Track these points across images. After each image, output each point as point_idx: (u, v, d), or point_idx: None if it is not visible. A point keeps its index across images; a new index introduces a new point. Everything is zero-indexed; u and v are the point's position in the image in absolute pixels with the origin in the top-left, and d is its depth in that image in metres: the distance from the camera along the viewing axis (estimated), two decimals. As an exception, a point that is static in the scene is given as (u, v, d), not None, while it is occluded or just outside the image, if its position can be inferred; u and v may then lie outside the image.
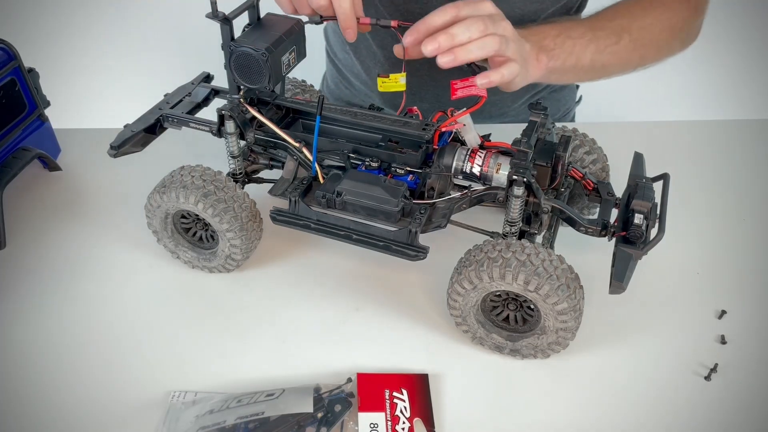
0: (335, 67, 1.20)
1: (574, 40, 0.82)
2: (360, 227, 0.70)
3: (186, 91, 0.85)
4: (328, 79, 1.24)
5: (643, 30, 0.87)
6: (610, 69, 0.88)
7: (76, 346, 0.71)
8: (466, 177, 0.71)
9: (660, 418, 0.64)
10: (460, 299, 0.67)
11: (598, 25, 0.86)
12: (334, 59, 1.19)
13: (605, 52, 0.85)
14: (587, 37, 0.83)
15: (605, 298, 0.66)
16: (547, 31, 0.82)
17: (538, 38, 0.80)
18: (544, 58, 0.79)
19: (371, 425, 0.62)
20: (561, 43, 0.81)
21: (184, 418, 0.63)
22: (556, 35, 0.82)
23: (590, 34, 0.84)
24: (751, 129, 1.05)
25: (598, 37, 0.84)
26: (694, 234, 0.84)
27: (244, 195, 0.74)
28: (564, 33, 0.82)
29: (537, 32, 0.81)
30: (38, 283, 0.78)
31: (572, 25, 0.84)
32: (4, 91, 0.86)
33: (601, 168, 0.78)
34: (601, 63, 0.85)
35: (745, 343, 0.71)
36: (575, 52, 0.82)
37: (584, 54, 0.83)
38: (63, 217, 0.87)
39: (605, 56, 0.85)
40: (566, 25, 0.84)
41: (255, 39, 0.68)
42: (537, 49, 0.79)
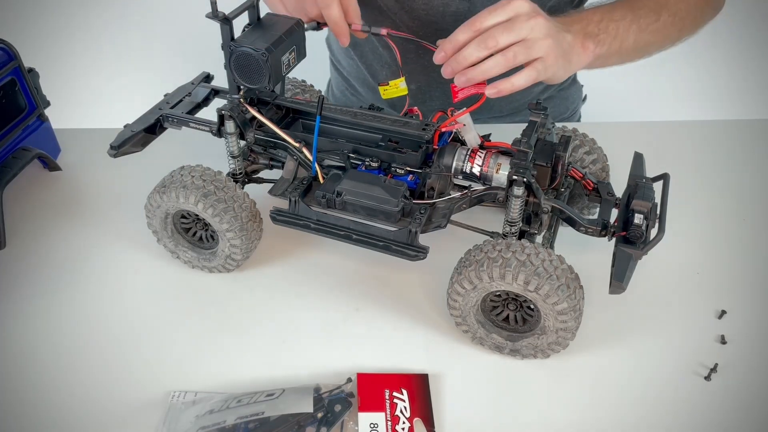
0: (340, 75, 1.20)
1: (617, 23, 0.81)
2: (360, 227, 0.70)
3: (186, 91, 0.85)
4: (333, 87, 1.24)
5: (680, 2, 0.86)
6: (652, 47, 0.87)
7: (76, 346, 0.71)
8: (466, 177, 0.71)
9: (660, 418, 0.64)
10: (460, 299, 0.67)
11: (637, 4, 0.84)
12: (338, 67, 1.19)
13: (647, 31, 0.84)
14: (628, 18, 0.82)
15: (605, 298, 0.66)
16: (589, 16, 0.80)
17: (582, 25, 0.78)
18: (590, 44, 0.78)
19: (371, 425, 0.62)
20: (605, 27, 0.80)
21: (184, 418, 0.63)
22: (599, 20, 0.80)
23: (631, 15, 0.82)
24: (751, 129, 1.05)
25: (639, 17, 0.83)
26: (694, 234, 0.84)
27: (244, 195, 0.74)
28: (606, 17, 0.81)
29: (580, 19, 0.79)
30: (38, 283, 0.78)
31: (612, 8, 0.83)
32: (4, 91, 0.86)
33: (601, 168, 0.78)
34: (644, 42, 0.84)
35: (745, 343, 0.71)
36: (619, 35, 0.81)
37: (628, 36, 0.82)
38: (63, 217, 0.87)
39: (647, 35, 0.84)
40: (606, 8, 0.83)
41: (255, 39, 0.68)
42: (582, 37, 0.77)
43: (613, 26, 0.81)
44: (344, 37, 0.76)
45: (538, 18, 0.70)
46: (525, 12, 0.70)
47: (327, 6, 0.74)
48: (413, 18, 0.97)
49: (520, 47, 0.69)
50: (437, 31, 0.98)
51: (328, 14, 0.74)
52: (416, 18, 0.97)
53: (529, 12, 0.70)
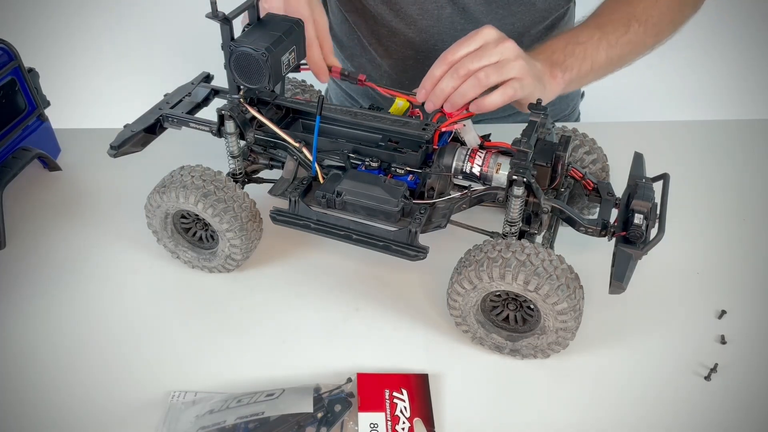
0: (337, 84, 1.20)
1: (584, 45, 0.82)
2: (360, 227, 0.70)
3: (186, 91, 0.85)
4: (331, 97, 1.24)
5: (649, 9, 0.86)
6: (627, 58, 0.87)
7: (76, 346, 0.71)
8: (466, 177, 0.71)
9: (660, 418, 0.64)
10: (460, 299, 0.67)
11: (603, 20, 0.85)
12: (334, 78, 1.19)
13: (618, 45, 0.84)
14: (596, 36, 0.83)
15: (605, 298, 0.66)
16: (554, 45, 0.82)
17: (546, 55, 0.81)
18: (558, 72, 0.80)
19: (371, 425, 0.62)
20: (571, 51, 0.81)
21: (184, 418, 0.63)
22: (564, 46, 0.82)
23: (598, 33, 0.83)
24: (751, 129, 1.05)
25: (607, 33, 0.84)
26: (694, 234, 0.84)
27: (244, 195, 0.74)
28: (572, 41, 0.82)
29: (544, 50, 0.82)
30: (38, 283, 0.78)
31: (578, 31, 0.84)
32: (4, 91, 0.86)
33: (601, 168, 0.78)
34: (617, 56, 0.85)
35: (745, 343, 0.71)
36: (588, 55, 0.82)
37: (597, 54, 0.83)
38: (63, 217, 0.87)
39: (619, 49, 0.84)
40: (572, 32, 0.84)
41: (255, 39, 0.68)
42: (549, 66, 0.79)
43: (580, 49, 0.82)
44: (324, 76, 0.80)
45: (506, 42, 0.73)
46: (493, 39, 0.73)
47: (308, 47, 0.76)
48: (408, 24, 0.97)
49: (492, 68, 0.72)
50: (434, 35, 0.98)
51: (309, 55, 0.77)
52: (411, 24, 0.97)
53: (497, 38, 0.73)
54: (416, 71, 1.03)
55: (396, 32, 0.99)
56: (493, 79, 0.71)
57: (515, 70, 0.72)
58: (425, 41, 0.99)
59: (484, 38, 0.73)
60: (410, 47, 1.00)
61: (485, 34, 0.73)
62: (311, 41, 0.77)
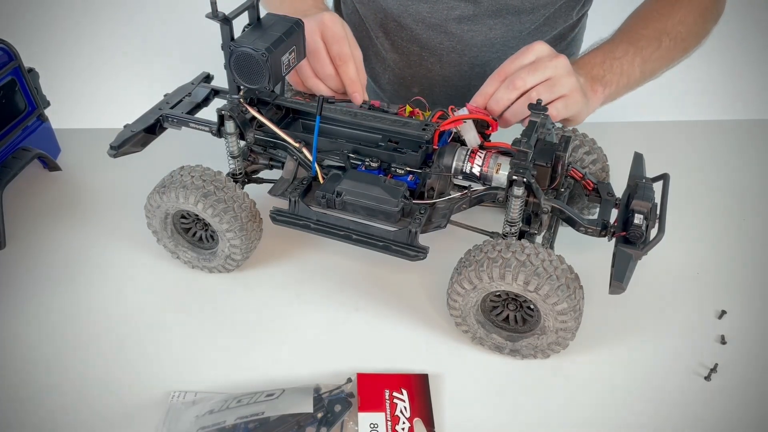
0: None
1: (621, 60, 0.84)
2: (360, 227, 0.70)
3: (186, 91, 0.85)
4: None
5: (679, 25, 0.88)
6: (657, 72, 0.89)
7: (76, 346, 0.71)
8: (466, 177, 0.71)
9: (660, 418, 0.64)
10: (460, 299, 0.67)
11: (635, 36, 0.87)
12: None
13: (651, 60, 0.86)
14: (631, 52, 0.85)
15: (605, 298, 0.66)
16: (592, 60, 0.83)
17: (587, 70, 0.82)
18: (599, 87, 0.81)
19: (371, 425, 0.62)
20: (609, 67, 0.83)
21: (184, 418, 0.63)
22: (602, 62, 0.83)
23: (633, 49, 0.85)
24: (751, 129, 1.05)
25: (641, 48, 0.85)
26: (694, 234, 0.84)
27: (243, 195, 0.74)
28: (609, 57, 0.84)
29: (583, 64, 0.83)
30: (38, 283, 0.78)
31: (613, 46, 0.86)
32: (4, 91, 0.86)
33: (601, 168, 0.78)
34: (649, 70, 0.87)
35: (745, 343, 0.71)
36: (624, 71, 0.84)
37: (633, 70, 0.84)
38: (63, 217, 0.87)
39: (652, 64, 0.86)
40: (607, 47, 0.85)
41: (255, 39, 0.68)
42: (590, 81, 0.81)
43: (617, 64, 0.83)
44: (359, 94, 0.80)
45: (560, 58, 0.74)
46: (546, 54, 0.75)
47: (344, 63, 0.78)
48: (417, 21, 0.98)
49: (544, 87, 0.73)
50: (441, 34, 0.98)
51: (344, 72, 0.78)
52: (420, 21, 0.97)
53: (551, 54, 0.75)
54: (419, 67, 1.03)
55: (404, 27, 0.99)
56: (545, 98, 0.73)
57: (566, 87, 0.74)
58: (431, 38, 0.99)
59: (537, 53, 0.74)
60: (416, 43, 1.00)
61: (538, 49, 0.75)
62: (347, 58, 0.78)
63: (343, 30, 0.79)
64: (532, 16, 0.96)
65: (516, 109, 0.74)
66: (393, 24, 1.00)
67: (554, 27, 1.00)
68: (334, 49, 0.78)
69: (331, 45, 0.79)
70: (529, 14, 0.95)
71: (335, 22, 0.79)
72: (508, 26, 0.96)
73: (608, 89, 0.82)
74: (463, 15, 0.95)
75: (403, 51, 1.03)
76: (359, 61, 0.81)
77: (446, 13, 0.95)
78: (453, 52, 0.99)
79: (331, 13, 0.82)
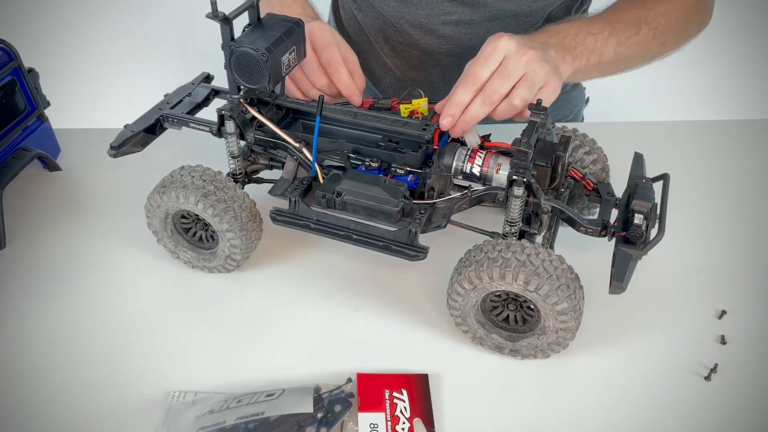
0: None
1: (595, 36, 0.82)
2: (360, 227, 0.70)
3: (186, 91, 0.85)
4: None
5: (660, 17, 0.87)
6: (632, 61, 0.87)
7: (76, 346, 0.71)
8: (466, 177, 0.71)
9: (660, 418, 0.64)
10: (460, 299, 0.67)
11: (615, 17, 0.85)
12: None
13: (626, 45, 0.84)
14: (607, 31, 0.83)
15: (605, 298, 0.66)
16: (566, 29, 0.81)
17: (559, 39, 0.80)
18: (569, 57, 0.79)
19: (371, 425, 0.62)
20: (582, 40, 0.81)
21: (184, 418, 0.63)
22: (576, 33, 0.81)
23: (609, 28, 0.83)
24: (751, 129, 1.05)
25: (618, 30, 0.84)
26: (694, 234, 0.84)
27: (244, 195, 0.74)
28: (584, 30, 0.82)
29: (556, 32, 0.81)
30: (38, 283, 0.78)
31: (591, 22, 0.84)
32: (4, 91, 0.86)
33: (601, 168, 0.78)
34: (624, 55, 0.85)
35: (745, 343, 0.71)
36: (597, 47, 0.82)
37: (606, 49, 0.83)
38: (63, 217, 0.87)
39: (626, 48, 0.84)
40: (584, 21, 0.84)
41: (255, 39, 0.68)
42: (561, 52, 0.79)
43: (591, 39, 0.82)
44: (356, 97, 0.80)
45: (528, 52, 0.71)
46: (514, 50, 0.71)
47: (335, 70, 0.78)
48: (415, 26, 0.98)
49: (523, 89, 0.70)
50: (439, 38, 0.98)
51: (337, 78, 0.79)
52: (418, 26, 0.98)
53: (518, 49, 0.71)
54: (420, 71, 1.03)
55: (402, 32, 0.99)
56: (525, 97, 0.71)
57: (542, 78, 0.71)
58: (430, 42, 0.99)
59: (504, 50, 0.71)
60: (415, 47, 1.00)
61: (503, 47, 0.71)
62: (337, 64, 0.78)
63: (332, 37, 0.80)
64: (529, 19, 0.95)
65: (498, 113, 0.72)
66: (392, 29, 1.00)
67: None
68: (324, 57, 0.79)
69: (321, 53, 0.80)
70: (527, 17, 0.95)
71: (323, 30, 0.80)
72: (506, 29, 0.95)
73: (578, 62, 0.80)
74: (460, 19, 0.95)
75: (402, 55, 1.03)
76: (354, 64, 0.81)
77: (443, 18, 0.95)
78: (452, 55, 1.00)
79: (319, 22, 0.82)
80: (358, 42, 1.08)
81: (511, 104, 0.71)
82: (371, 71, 1.09)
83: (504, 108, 0.72)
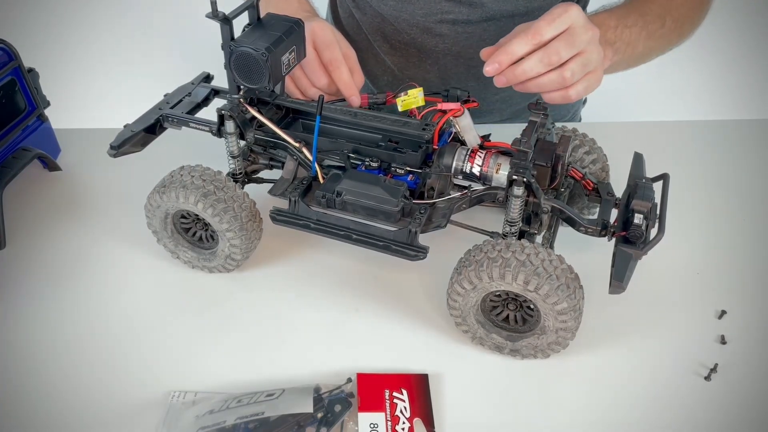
0: None
1: (630, 29, 0.80)
2: (360, 227, 0.70)
3: (186, 91, 0.85)
4: None
5: (681, 7, 0.86)
6: (654, 53, 0.87)
7: (76, 346, 0.71)
8: (466, 177, 0.71)
9: (660, 418, 0.64)
10: (460, 299, 0.67)
11: (644, 9, 0.84)
12: None
13: (653, 37, 0.83)
14: (639, 24, 0.82)
15: (605, 298, 0.66)
16: (607, 22, 0.79)
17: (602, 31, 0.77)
18: (609, 52, 0.78)
19: (371, 425, 0.62)
20: (620, 34, 0.80)
21: (184, 418, 0.63)
22: (615, 26, 0.80)
23: (641, 21, 0.82)
24: (751, 129, 1.05)
25: (647, 23, 0.83)
26: (694, 234, 0.84)
27: (243, 195, 0.74)
28: (621, 23, 0.80)
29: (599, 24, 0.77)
30: (38, 283, 0.78)
31: (625, 13, 0.82)
32: (4, 91, 0.86)
33: (601, 168, 0.78)
34: (650, 48, 0.84)
35: (745, 343, 0.71)
36: (632, 42, 0.81)
37: (638, 42, 0.82)
38: (63, 217, 0.87)
39: (653, 41, 0.84)
40: (620, 13, 0.82)
41: (255, 39, 0.68)
42: (603, 45, 0.76)
43: (627, 33, 0.80)
44: (356, 98, 0.80)
45: (594, 30, 0.70)
46: (581, 23, 0.69)
47: (336, 68, 0.78)
48: (412, 25, 0.98)
49: (578, 64, 0.69)
50: (436, 37, 0.98)
51: (338, 77, 0.79)
52: (415, 24, 0.98)
53: (584, 24, 0.70)
54: (418, 69, 1.03)
55: (400, 31, 0.99)
56: (578, 78, 0.69)
57: (593, 62, 0.70)
58: (427, 41, 0.99)
59: (572, 19, 0.69)
60: (413, 46, 1.00)
61: (573, 15, 0.69)
62: (339, 62, 0.78)
63: (333, 35, 0.80)
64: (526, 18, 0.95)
65: (543, 82, 0.69)
66: (390, 28, 1.00)
67: None
68: (326, 55, 0.80)
69: (322, 52, 0.80)
70: (523, 17, 0.95)
71: (324, 29, 0.80)
72: (503, 28, 0.96)
73: (616, 56, 0.79)
74: (457, 19, 0.95)
75: (400, 53, 1.03)
76: (353, 61, 0.82)
77: (440, 17, 0.95)
78: (449, 54, 1.00)
79: (319, 20, 0.82)
80: (357, 40, 1.08)
81: (562, 75, 0.69)
82: (369, 69, 1.09)
83: (552, 77, 0.69)
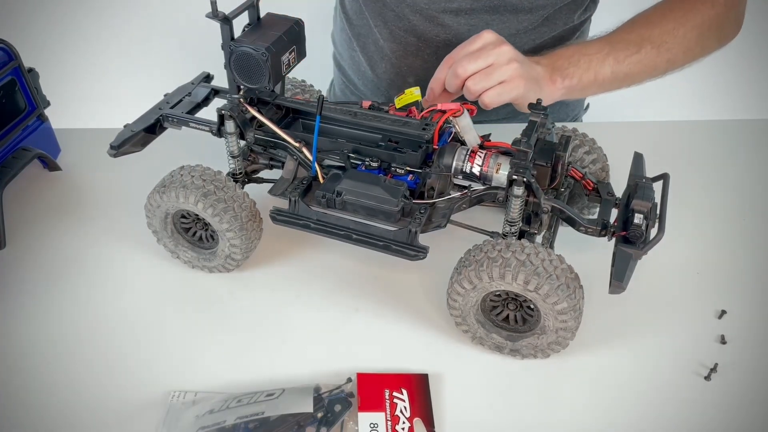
0: (341, 71, 1.21)
1: (590, 56, 0.86)
2: (360, 227, 0.70)
3: (186, 91, 0.85)
4: (335, 87, 1.26)
5: (665, 35, 0.89)
6: (636, 77, 0.90)
7: (76, 346, 0.71)
8: (466, 177, 0.71)
9: (660, 418, 0.64)
10: (460, 299, 0.67)
11: (616, 38, 0.89)
12: (340, 62, 1.20)
13: (625, 63, 0.87)
14: (605, 50, 0.86)
15: (605, 298, 0.66)
16: (561, 52, 0.86)
17: (551, 60, 0.85)
18: (558, 78, 0.84)
19: (371, 425, 0.62)
20: (576, 61, 0.85)
21: (184, 418, 0.63)
22: (570, 55, 0.85)
23: (608, 48, 0.87)
24: (751, 129, 1.05)
25: (617, 49, 0.87)
26: (694, 234, 0.84)
27: (243, 195, 0.74)
28: (579, 51, 0.86)
29: (551, 55, 0.85)
30: (38, 283, 0.78)
31: (589, 43, 0.88)
32: (4, 91, 0.86)
33: (601, 168, 0.78)
34: (624, 73, 0.88)
35: (745, 343, 0.71)
36: (592, 67, 0.85)
37: (603, 67, 0.86)
38: (63, 217, 0.87)
39: (626, 66, 0.87)
40: (583, 44, 0.88)
41: (255, 39, 0.68)
42: (550, 71, 0.84)
43: (586, 59, 0.86)
44: None
45: (503, 46, 0.79)
46: (491, 42, 0.80)
47: None
48: (414, 12, 0.98)
49: (481, 75, 0.78)
50: (437, 26, 0.98)
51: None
52: (418, 11, 0.98)
53: (495, 41, 0.80)
54: (416, 58, 1.04)
55: (401, 17, 1.00)
56: (481, 86, 0.78)
57: (506, 73, 0.78)
58: (428, 30, 0.99)
59: (484, 41, 0.80)
60: (413, 34, 1.01)
61: (485, 37, 0.80)
62: None
63: None
64: (530, 16, 0.96)
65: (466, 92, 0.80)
66: (391, 14, 1.01)
67: (554, 28, 1.00)
68: None
69: None
70: (527, 14, 0.95)
71: None
72: (505, 23, 0.96)
73: (568, 81, 0.84)
74: (460, 8, 0.95)
75: (400, 41, 1.03)
76: None
77: (443, 5, 0.95)
78: (449, 45, 0.99)
79: None
80: (359, 25, 1.08)
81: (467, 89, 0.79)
82: (369, 55, 1.09)
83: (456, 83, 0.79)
